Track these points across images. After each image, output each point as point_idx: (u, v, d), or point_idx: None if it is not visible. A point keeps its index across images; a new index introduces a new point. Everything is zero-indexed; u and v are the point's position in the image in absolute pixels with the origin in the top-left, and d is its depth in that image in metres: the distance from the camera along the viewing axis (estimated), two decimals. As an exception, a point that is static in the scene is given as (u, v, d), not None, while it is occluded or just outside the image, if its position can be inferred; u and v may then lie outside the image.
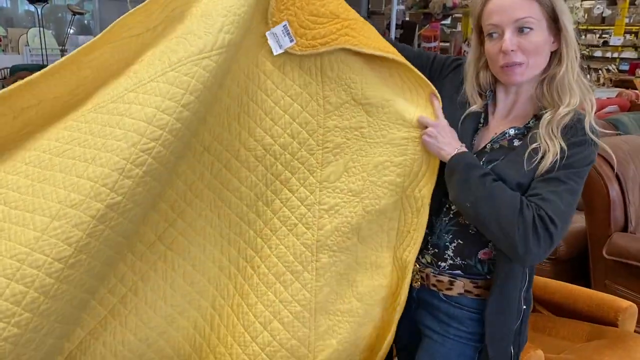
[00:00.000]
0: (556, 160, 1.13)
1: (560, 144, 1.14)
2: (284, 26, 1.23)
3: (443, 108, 1.29)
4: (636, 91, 4.74)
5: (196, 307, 1.29)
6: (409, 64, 1.28)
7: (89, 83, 1.17)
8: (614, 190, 2.49)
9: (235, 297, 1.32)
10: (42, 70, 1.14)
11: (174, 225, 1.24)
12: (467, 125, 1.27)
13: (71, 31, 7.73)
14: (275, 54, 1.25)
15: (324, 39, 1.23)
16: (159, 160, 1.05)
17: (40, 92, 1.14)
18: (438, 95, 1.30)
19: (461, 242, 1.28)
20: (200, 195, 1.26)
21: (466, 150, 1.23)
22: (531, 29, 1.15)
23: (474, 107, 1.27)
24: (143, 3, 1.20)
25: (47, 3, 6.66)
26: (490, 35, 1.20)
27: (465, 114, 1.28)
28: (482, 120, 1.29)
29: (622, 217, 2.52)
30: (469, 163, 1.19)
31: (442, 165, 1.26)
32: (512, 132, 1.24)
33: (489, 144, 1.25)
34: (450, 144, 1.22)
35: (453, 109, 1.29)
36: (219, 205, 1.28)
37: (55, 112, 1.16)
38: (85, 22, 10.59)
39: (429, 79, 1.34)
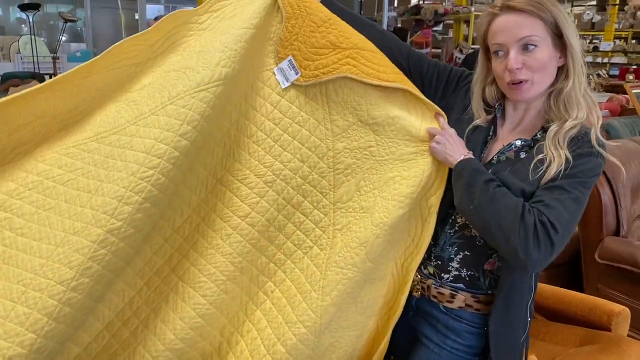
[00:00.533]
0: (560, 170, 1.14)
1: (566, 154, 1.15)
2: (289, 61, 1.31)
3: (452, 121, 1.30)
4: (626, 96, 4.77)
5: (205, 337, 1.28)
6: (411, 89, 1.30)
7: (87, 105, 1.21)
8: (606, 195, 2.50)
9: (245, 323, 1.31)
10: (40, 85, 1.16)
11: (187, 257, 1.26)
12: (476, 138, 1.28)
13: (63, 38, 7.71)
14: (283, 87, 1.31)
15: (326, 68, 1.29)
16: (157, 187, 1.10)
17: (38, 110, 1.16)
18: (443, 113, 1.31)
19: (468, 253, 1.28)
20: (213, 225, 1.28)
21: (473, 157, 1.23)
22: (535, 46, 1.17)
23: (477, 121, 1.28)
24: (144, 31, 1.25)
25: (39, 10, 6.65)
26: (496, 53, 1.22)
27: (469, 127, 1.29)
28: (490, 134, 1.29)
29: (614, 221, 2.53)
30: (475, 168, 1.20)
31: (450, 175, 1.26)
32: (518, 143, 1.25)
33: (496, 156, 1.26)
34: (457, 151, 1.23)
35: (461, 123, 1.30)
36: (229, 233, 1.28)
37: (52, 130, 1.19)
38: (78, 29, 10.57)
39: (444, 90, 1.36)
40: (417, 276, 1.35)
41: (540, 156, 1.17)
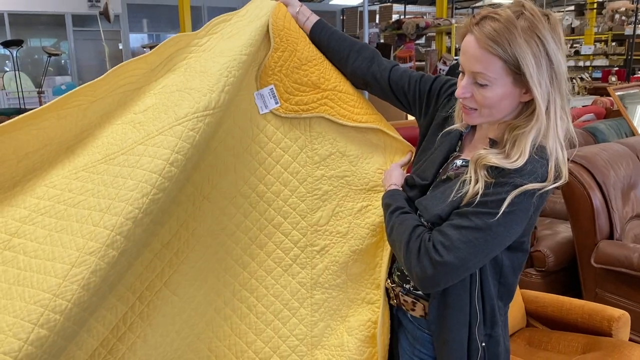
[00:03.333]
0: (478, 191, 1.07)
1: (485, 180, 1.07)
2: (270, 89, 1.37)
3: (434, 132, 1.29)
4: (610, 98, 4.82)
5: (194, 350, 1.34)
6: (384, 128, 1.40)
7: (93, 129, 1.23)
8: (597, 199, 2.50)
9: (231, 337, 1.38)
10: (46, 106, 1.16)
11: (178, 272, 1.29)
12: (438, 154, 1.25)
13: (48, 72, 7.72)
14: (261, 113, 1.37)
15: (306, 105, 1.38)
16: (159, 206, 1.11)
17: (45, 137, 1.18)
18: (414, 149, 1.40)
19: None
20: (201, 240, 1.33)
21: (394, 188, 1.30)
22: (486, 85, 1.07)
23: (451, 137, 1.26)
24: (145, 54, 1.27)
25: (22, 46, 6.66)
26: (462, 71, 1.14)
27: (438, 146, 1.27)
28: (458, 149, 1.25)
29: (606, 224, 2.53)
30: (386, 200, 1.28)
31: None
32: (459, 163, 1.20)
33: (446, 175, 1.21)
34: (387, 182, 1.34)
35: (443, 135, 1.28)
36: (216, 250, 1.35)
37: (60, 156, 1.20)
38: (62, 62, 10.58)
39: (427, 104, 1.34)
40: (388, 282, 1.35)
41: (464, 177, 1.11)
